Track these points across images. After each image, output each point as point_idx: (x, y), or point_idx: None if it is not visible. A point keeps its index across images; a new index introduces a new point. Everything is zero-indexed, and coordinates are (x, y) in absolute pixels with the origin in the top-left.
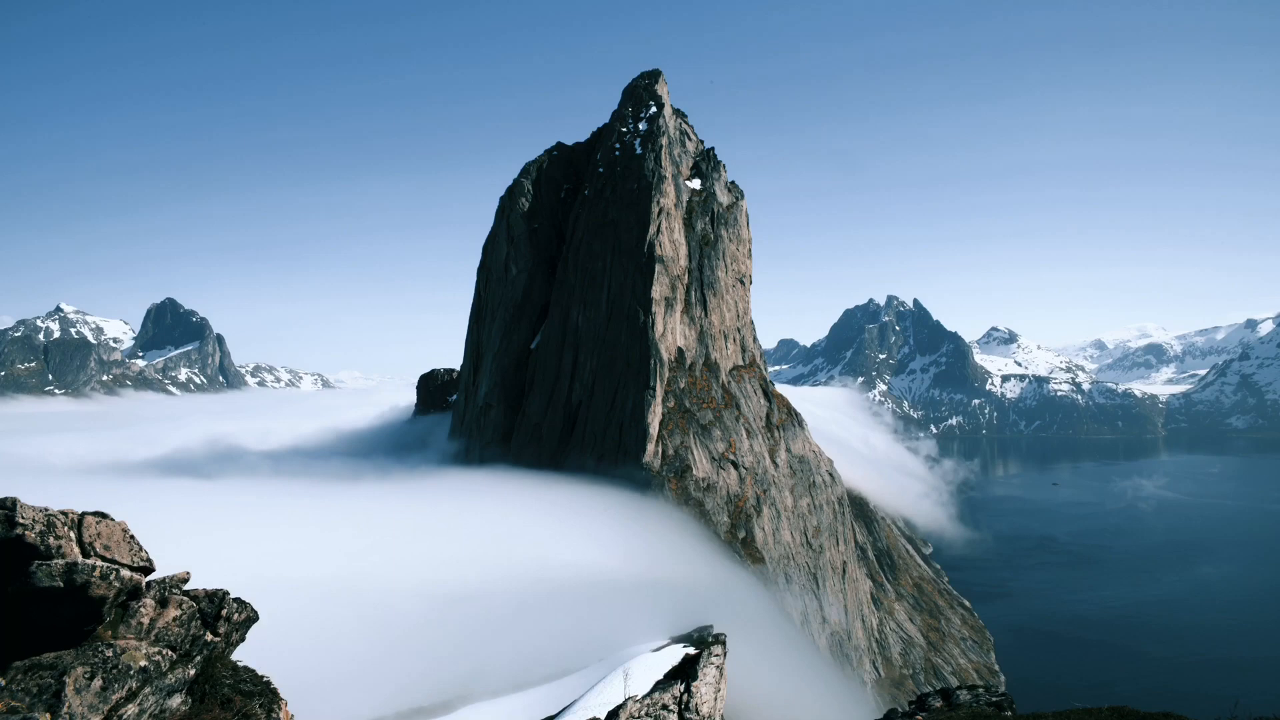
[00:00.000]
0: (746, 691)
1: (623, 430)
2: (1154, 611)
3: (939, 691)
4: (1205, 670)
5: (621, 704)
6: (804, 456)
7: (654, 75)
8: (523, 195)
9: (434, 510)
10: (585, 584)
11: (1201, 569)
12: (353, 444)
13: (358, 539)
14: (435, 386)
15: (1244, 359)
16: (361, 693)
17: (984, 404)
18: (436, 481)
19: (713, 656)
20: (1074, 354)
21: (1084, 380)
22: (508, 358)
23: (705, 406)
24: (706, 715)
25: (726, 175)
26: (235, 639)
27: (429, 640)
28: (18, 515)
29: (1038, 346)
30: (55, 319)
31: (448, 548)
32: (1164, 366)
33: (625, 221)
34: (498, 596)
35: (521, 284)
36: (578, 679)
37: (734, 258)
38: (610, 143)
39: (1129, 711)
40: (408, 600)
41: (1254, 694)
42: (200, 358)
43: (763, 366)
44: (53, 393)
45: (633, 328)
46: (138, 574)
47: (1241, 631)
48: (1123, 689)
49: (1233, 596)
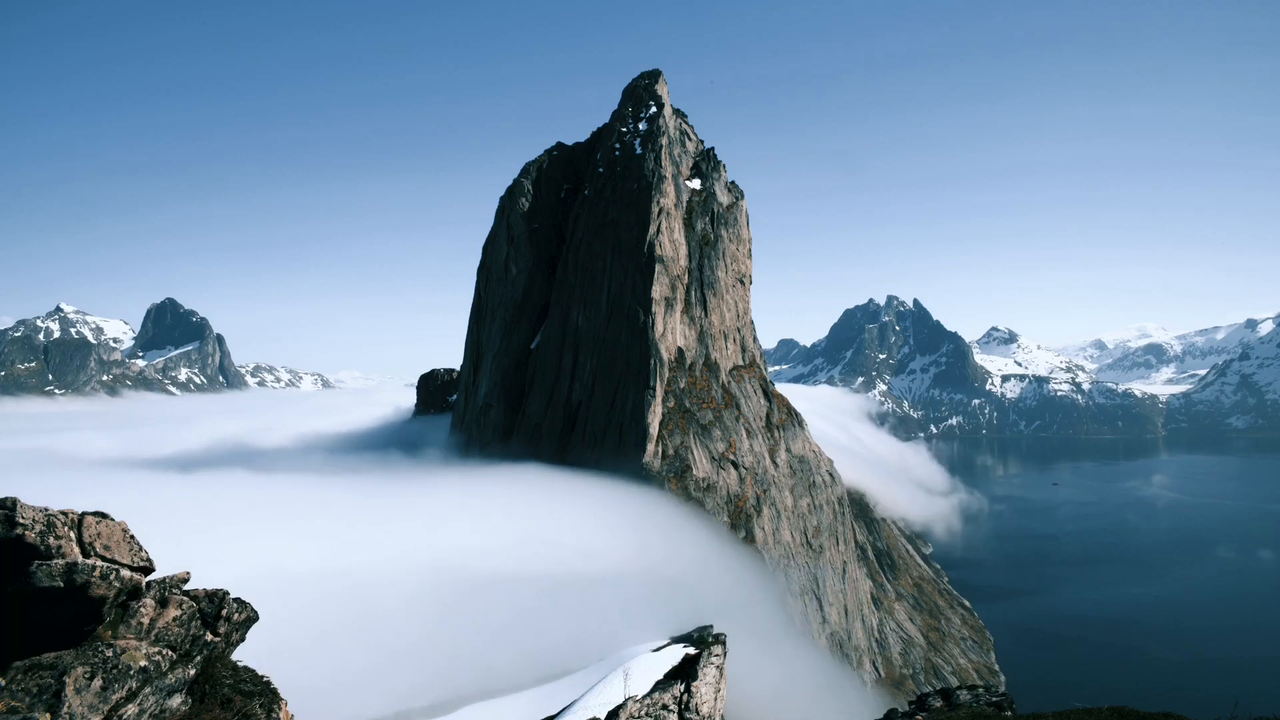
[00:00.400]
0: (747, 690)
1: (623, 430)
2: (1154, 611)
3: (939, 691)
4: (1205, 670)
5: (621, 704)
6: (804, 456)
7: (654, 75)
8: (523, 195)
9: (433, 509)
10: (586, 584)
11: (1201, 569)
12: (352, 443)
13: (357, 539)
14: (435, 386)
15: (1244, 359)
16: (361, 693)
17: (984, 404)
18: (436, 479)
19: (713, 656)
20: (1074, 354)
21: (1084, 380)
22: (508, 358)
23: (705, 406)
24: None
25: (726, 175)
26: (235, 639)
27: (429, 640)
28: (18, 515)
29: (1038, 346)
30: (55, 319)
31: (448, 547)
32: (1164, 366)
33: (625, 221)
34: (498, 596)
35: (521, 284)
36: (578, 679)
37: (734, 258)
38: (610, 143)
39: (1129, 711)
40: (408, 600)
41: (1254, 694)
42: (200, 358)
43: (763, 366)
44: (53, 393)
45: (633, 328)
46: (138, 574)
47: (1241, 631)
48: (1123, 689)
49: (1233, 596)
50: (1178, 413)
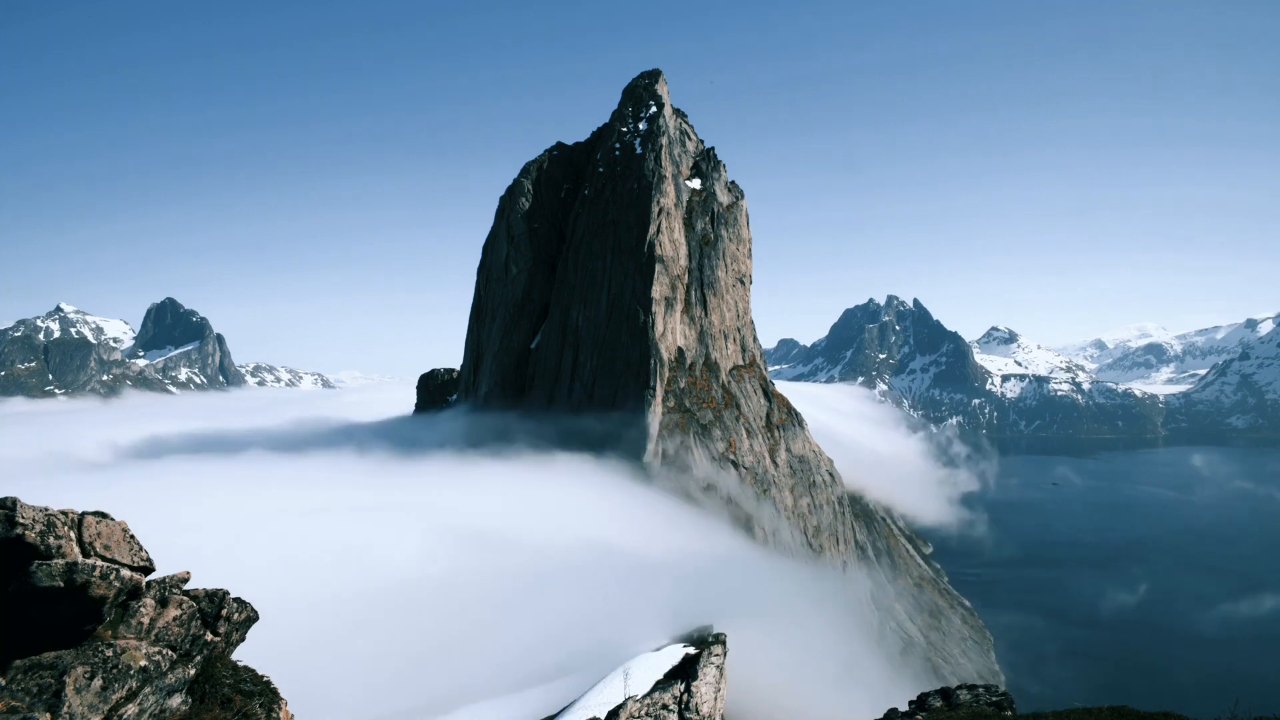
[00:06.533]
0: (748, 686)
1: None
2: (1154, 611)
3: (939, 691)
4: (1205, 670)
5: (621, 704)
6: (804, 456)
7: (654, 75)
8: (523, 195)
9: (433, 508)
10: (586, 583)
11: (1201, 568)
12: (352, 443)
13: (357, 538)
14: (435, 386)
15: (1244, 359)
16: (361, 692)
17: (984, 404)
18: (435, 479)
19: (713, 656)
20: (1074, 354)
21: (1084, 380)
22: (508, 357)
23: (705, 406)
24: (706, 715)
25: (726, 175)
26: (235, 639)
27: (429, 640)
28: (18, 515)
29: (1038, 346)
30: (55, 319)
31: (448, 547)
32: (1164, 366)
33: (625, 221)
34: (498, 596)
35: (521, 284)
36: (578, 679)
37: (734, 257)
38: (610, 142)
39: (1129, 711)
40: (408, 600)
41: (1254, 694)
42: (200, 357)
43: (763, 366)
44: (53, 393)
45: (633, 328)
46: (138, 574)
47: (1241, 632)
48: (1123, 689)
49: (1233, 596)
50: (1178, 412)
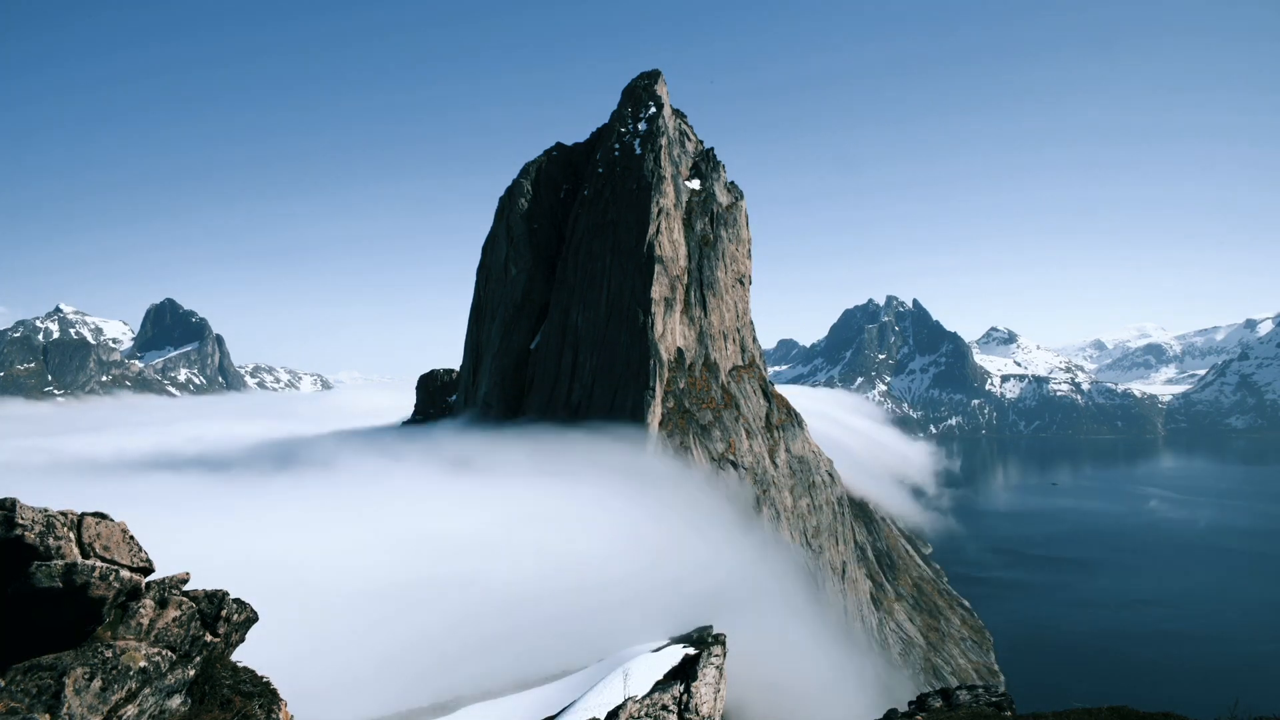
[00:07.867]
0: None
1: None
2: (1154, 611)
3: (939, 691)
4: (1205, 670)
5: (621, 704)
6: (803, 457)
7: (653, 76)
8: (522, 195)
9: (433, 508)
10: (586, 583)
11: (1201, 568)
12: (352, 443)
13: (356, 538)
14: (435, 387)
15: (1244, 359)
16: (361, 693)
17: (984, 404)
18: (435, 479)
19: (712, 657)
20: (1074, 354)
21: (1084, 380)
22: (508, 358)
23: (705, 407)
24: (706, 716)
25: (726, 175)
26: (235, 639)
27: (428, 640)
28: (17, 516)
29: (1037, 346)
30: (54, 319)
31: (447, 546)
32: (1164, 367)
33: (625, 222)
34: (497, 596)
35: (521, 284)
36: (578, 679)
37: (733, 258)
38: (610, 143)
39: (1129, 711)
40: (407, 600)
41: (1254, 694)
42: (200, 358)
43: (762, 366)
44: (52, 394)
45: (632, 328)
46: (137, 574)
47: (1241, 631)
48: (1122, 689)
49: (1232, 596)
50: (1177, 413)
